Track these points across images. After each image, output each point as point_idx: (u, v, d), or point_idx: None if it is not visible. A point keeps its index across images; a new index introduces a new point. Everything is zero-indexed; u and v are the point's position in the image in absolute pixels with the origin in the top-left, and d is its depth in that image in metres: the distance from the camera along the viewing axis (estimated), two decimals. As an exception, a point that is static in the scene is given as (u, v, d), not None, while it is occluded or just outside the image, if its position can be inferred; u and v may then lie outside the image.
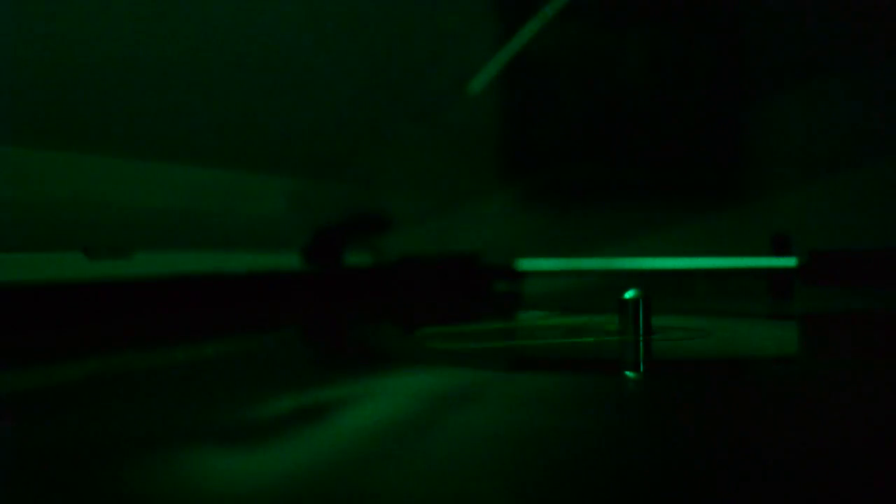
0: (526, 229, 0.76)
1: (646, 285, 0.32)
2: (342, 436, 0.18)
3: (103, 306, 0.42)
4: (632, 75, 0.74)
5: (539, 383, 0.25)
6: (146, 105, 0.47)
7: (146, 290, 0.45)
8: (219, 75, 0.51)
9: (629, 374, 0.27)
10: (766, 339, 0.35)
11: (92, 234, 0.45)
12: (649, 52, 0.73)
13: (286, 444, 0.17)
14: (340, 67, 0.59)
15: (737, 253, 0.54)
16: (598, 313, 0.40)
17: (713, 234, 0.71)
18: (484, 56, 0.70)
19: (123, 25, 0.45)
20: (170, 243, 0.50)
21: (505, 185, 0.77)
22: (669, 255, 0.55)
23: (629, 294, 0.32)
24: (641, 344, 0.31)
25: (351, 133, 0.63)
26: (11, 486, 0.15)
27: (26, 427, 0.20)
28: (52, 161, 0.43)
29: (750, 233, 0.62)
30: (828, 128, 0.71)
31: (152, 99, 0.47)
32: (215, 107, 0.52)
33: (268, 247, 0.58)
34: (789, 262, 0.53)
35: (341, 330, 0.42)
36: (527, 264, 0.59)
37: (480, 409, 0.21)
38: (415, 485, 0.15)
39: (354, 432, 0.19)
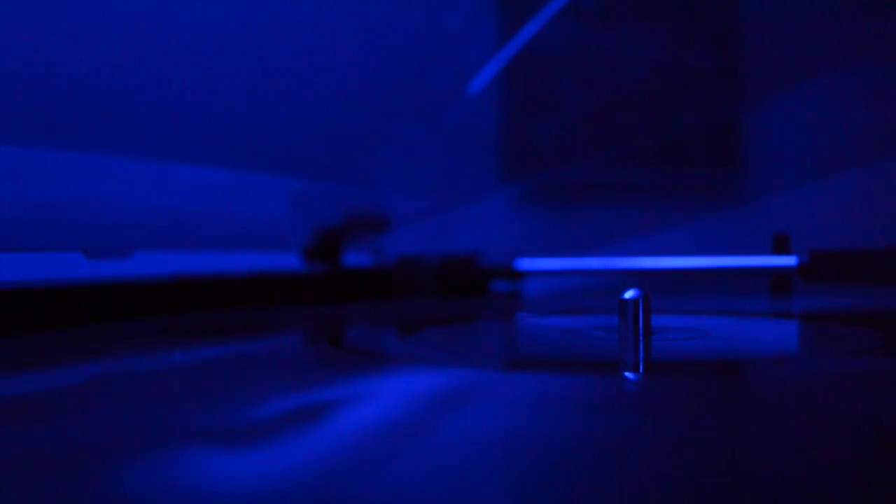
0: (526, 229, 0.76)
1: (646, 285, 0.32)
2: (341, 436, 0.18)
3: (103, 306, 0.42)
4: (632, 75, 0.74)
5: (539, 383, 0.25)
6: (146, 105, 0.47)
7: (146, 290, 0.45)
8: (219, 75, 0.51)
9: (629, 374, 0.27)
10: (766, 339, 0.35)
11: (92, 234, 0.45)
12: (649, 51, 0.73)
13: (285, 444, 0.17)
14: (340, 67, 0.59)
15: (737, 253, 0.54)
16: (599, 313, 0.40)
17: (713, 234, 0.71)
18: (484, 56, 0.70)
19: (123, 25, 0.45)
20: (170, 243, 0.50)
21: (505, 185, 0.77)
22: (669, 255, 0.55)
23: (629, 294, 0.32)
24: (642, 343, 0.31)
25: (351, 133, 0.63)
26: (11, 487, 0.15)
27: (26, 428, 0.20)
28: (52, 161, 0.43)
29: (750, 233, 0.62)
30: (828, 128, 0.71)
31: (152, 99, 0.47)
32: (215, 107, 0.52)
33: (268, 247, 0.58)
34: (789, 261, 0.53)
35: (341, 330, 0.42)
36: (527, 264, 0.59)
37: (480, 410, 0.21)
38: (414, 485, 0.15)
39: (353, 433, 0.19)
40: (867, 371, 0.26)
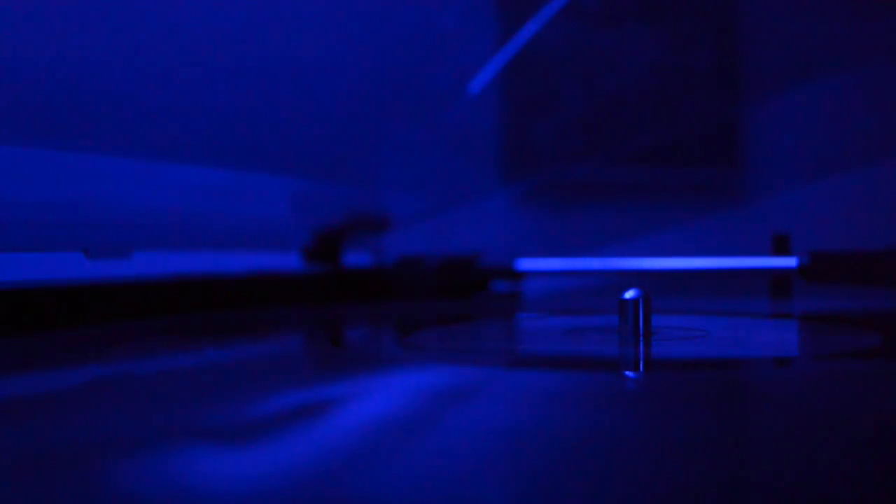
0: (526, 229, 0.76)
1: (646, 285, 0.32)
2: (342, 436, 0.18)
3: (103, 306, 0.42)
4: (632, 75, 0.74)
5: (539, 382, 0.25)
6: (146, 105, 0.47)
7: (146, 290, 0.45)
8: (219, 75, 0.51)
9: (629, 373, 0.27)
10: (766, 339, 0.35)
11: (92, 234, 0.45)
12: (649, 51, 0.73)
13: (286, 443, 0.17)
14: (340, 67, 0.59)
15: (737, 253, 0.54)
16: (599, 313, 0.40)
17: (713, 234, 0.71)
18: (484, 56, 0.70)
19: (123, 25, 0.45)
20: (170, 243, 0.50)
21: (505, 185, 0.77)
22: (669, 255, 0.55)
23: (629, 294, 0.32)
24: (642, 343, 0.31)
25: (351, 133, 0.63)
26: (11, 486, 0.15)
27: (26, 428, 0.20)
28: (52, 161, 0.43)
29: (750, 233, 0.62)
30: (828, 128, 0.71)
31: (152, 99, 0.47)
32: (215, 107, 0.52)
33: (268, 247, 0.58)
34: (789, 262, 0.53)
35: (341, 330, 0.42)
36: (527, 264, 0.59)
37: (480, 409, 0.21)
38: (414, 484, 0.15)
39: (354, 432, 0.19)
40: (867, 371, 0.26)
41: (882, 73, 0.68)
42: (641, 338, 0.31)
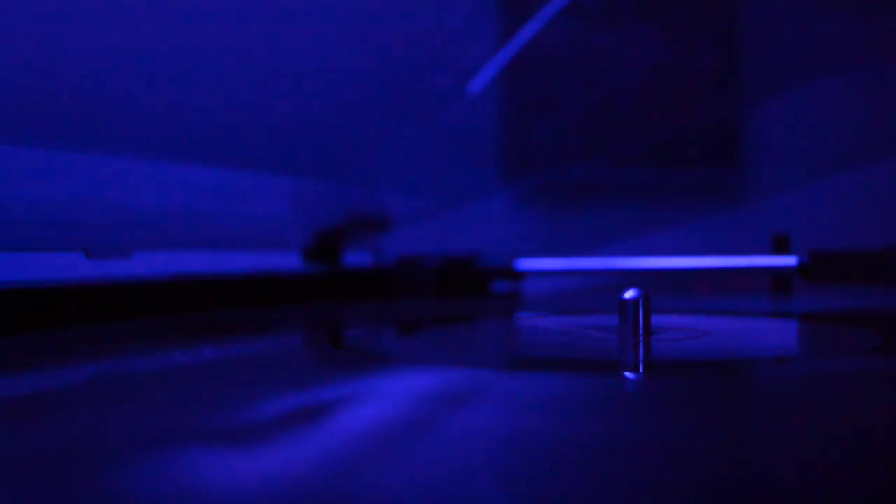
0: (526, 229, 0.76)
1: (646, 285, 0.32)
2: (341, 436, 0.18)
3: (103, 306, 0.42)
4: (632, 75, 0.74)
5: (539, 383, 0.25)
6: (146, 105, 0.47)
7: (146, 290, 0.45)
8: (218, 75, 0.51)
9: (629, 374, 0.27)
10: (766, 339, 0.35)
11: (92, 234, 0.45)
12: (649, 51, 0.73)
13: (285, 444, 0.17)
14: (341, 67, 0.59)
15: (737, 253, 0.54)
16: (598, 313, 0.41)
17: (713, 234, 0.71)
18: (484, 56, 0.70)
19: (124, 25, 0.45)
20: (170, 243, 0.50)
21: (505, 185, 0.77)
22: (669, 255, 0.55)
23: (629, 294, 0.32)
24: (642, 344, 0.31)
25: (351, 133, 0.63)
26: (11, 487, 0.15)
27: (26, 428, 0.20)
28: (52, 161, 0.43)
29: (750, 233, 0.62)
30: (828, 128, 0.71)
31: (152, 99, 0.47)
32: (215, 107, 0.52)
33: (268, 247, 0.58)
34: (789, 261, 0.53)
35: (341, 330, 0.42)
36: (527, 264, 0.59)
37: (480, 410, 0.21)
38: (414, 485, 0.15)
39: (354, 433, 0.19)
40: (867, 371, 0.26)
41: (882, 73, 0.68)
42: (641, 338, 0.31)
